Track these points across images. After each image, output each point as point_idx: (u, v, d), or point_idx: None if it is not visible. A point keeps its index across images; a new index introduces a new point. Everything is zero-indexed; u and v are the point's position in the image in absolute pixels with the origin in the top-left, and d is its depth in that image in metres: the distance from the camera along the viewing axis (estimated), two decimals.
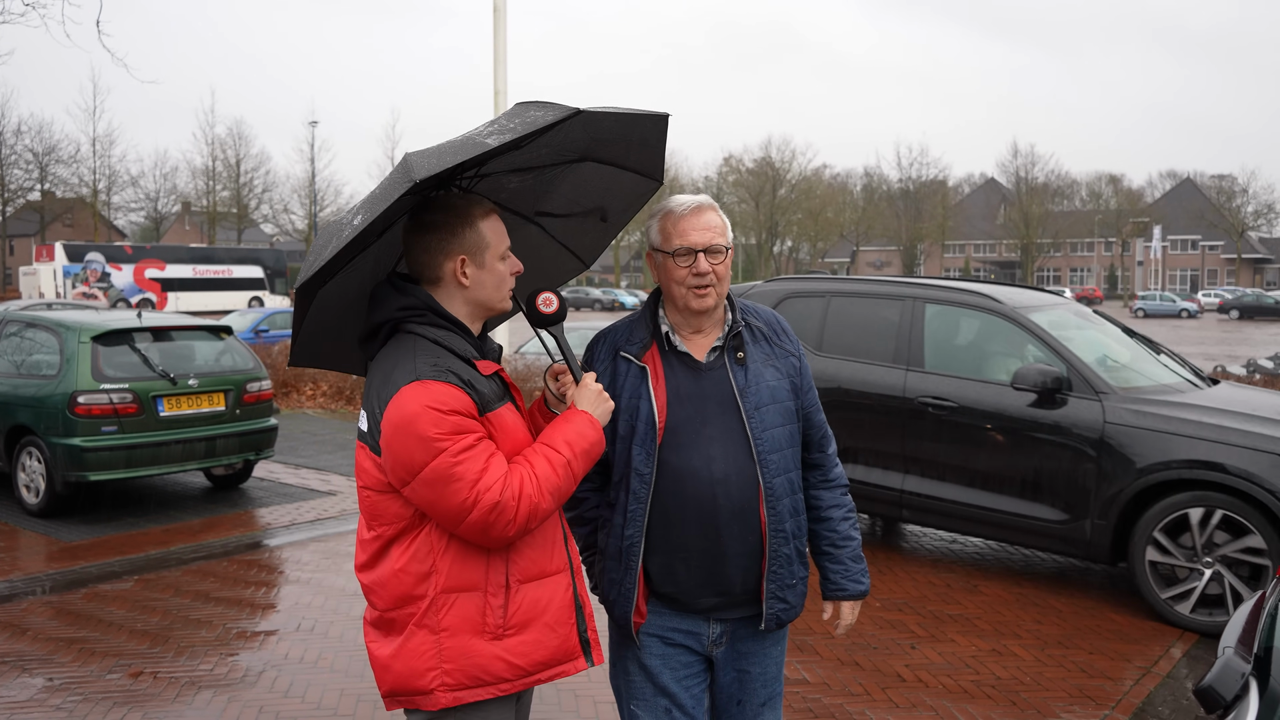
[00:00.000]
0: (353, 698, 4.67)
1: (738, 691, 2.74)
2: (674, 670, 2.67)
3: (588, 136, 2.58)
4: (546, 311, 2.49)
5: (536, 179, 2.73)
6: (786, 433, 2.66)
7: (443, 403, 2.17)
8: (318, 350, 2.63)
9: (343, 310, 2.51)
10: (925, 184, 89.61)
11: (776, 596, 2.65)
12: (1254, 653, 1.63)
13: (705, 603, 2.64)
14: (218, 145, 65.89)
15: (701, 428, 2.59)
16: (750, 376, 2.63)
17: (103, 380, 7.95)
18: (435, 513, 2.22)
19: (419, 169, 2.14)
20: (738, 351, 2.66)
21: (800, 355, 2.78)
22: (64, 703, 4.61)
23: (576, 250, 3.01)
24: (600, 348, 2.72)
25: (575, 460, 2.33)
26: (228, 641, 5.41)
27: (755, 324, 2.73)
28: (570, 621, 2.40)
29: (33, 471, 8.17)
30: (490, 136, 2.25)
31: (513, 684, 2.32)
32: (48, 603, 6.08)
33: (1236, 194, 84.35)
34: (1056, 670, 5.05)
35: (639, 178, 2.88)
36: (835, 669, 5.03)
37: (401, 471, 2.20)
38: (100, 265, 44.71)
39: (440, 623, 2.26)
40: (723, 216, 2.69)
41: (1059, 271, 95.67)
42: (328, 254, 2.18)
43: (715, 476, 2.57)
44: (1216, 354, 27.82)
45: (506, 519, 2.20)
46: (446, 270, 2.36)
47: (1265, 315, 55.79)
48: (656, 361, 2.64)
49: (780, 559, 2.64)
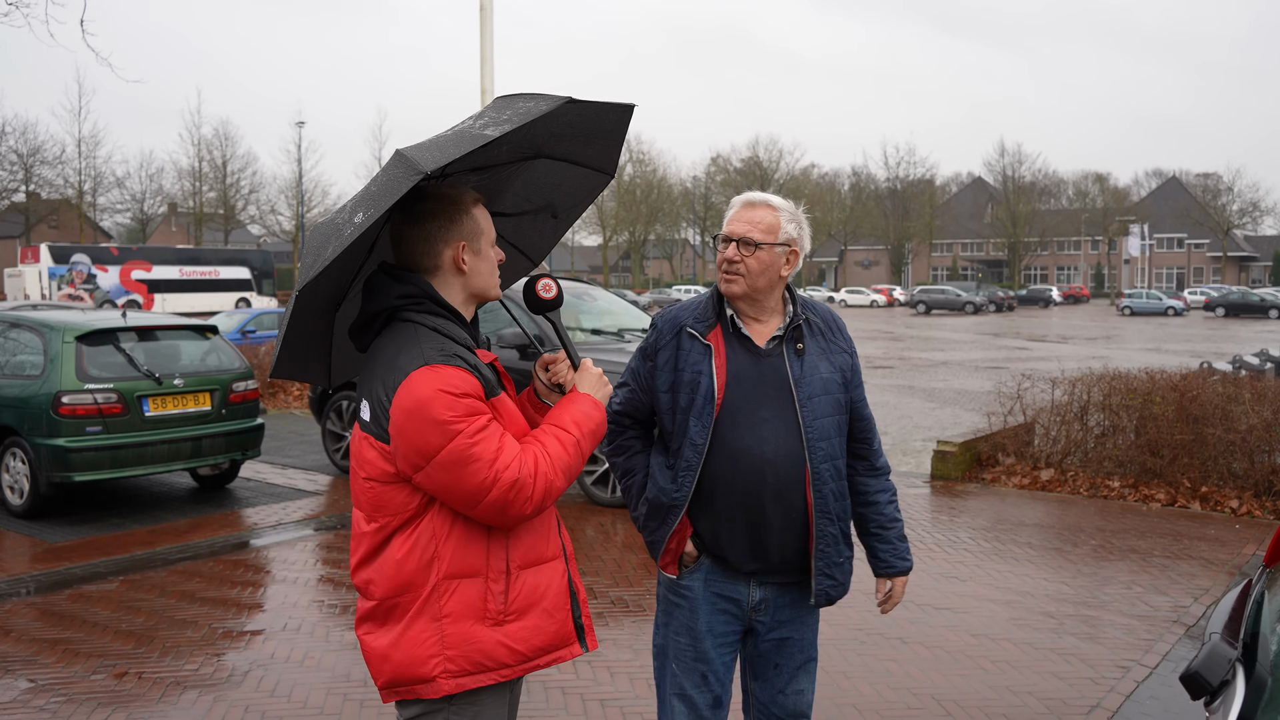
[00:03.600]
0: (339, 696, 4.65)
1: (775, 655, 2.93)
2: (715, 638, 2.88)
3: (546, 132, 2.56)
4: (546, 297, 2.54)
5: (492, 178, 2.71)
6: (835, 423, 2.84)
7: (455, 386, 2.17)
8: (299, 357, 2.58)
9: (312, 315, 2.48)
10: (913, 183, 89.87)
11: (825, 574, 2.84)
12: (1240, 639, 1.63)
13: (747, 567, 2.83)
14: (204, 146, 65.68)
15: (756, 409, 2.77)
16: (806, 367, 2.80)
17: (87, 380, 7.90)
18: (452, 495, 2.21)
19: (426, 161, 2.14)
20: (797, 343, 2.83)
21: (853, 353, 2.96)
22: (48, 703, 4.57)
23: (525, 249, 3.00)
24: (664, 324, 2.89)
25: (584, 440, 2.37)
26: (214, 641, 5.38)
27: (814, 319, 2.91)
28: (566, 607, 2.41)
29: (16, 472, 8.11)
30: (488, 128, 2.24)
31: (513, 669, 2.33)
32: (32, 604, 6.03)
33: (1222, 192, 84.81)
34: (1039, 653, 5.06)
35: (591, 173, 2.87)
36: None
37: (416, 457, 2.18)
38: (86, 267, 44.47)
39: (442, 609, 2.26)
40: (780, 218, 2.83)
41: (1046, 270, 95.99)
42: (329, 254, 2.16)
43: (766, 456, 2.74)
44: (1203, 351, 27.95)
45: (525, 496, 2.22)
46: (446, 258, 2.36)
47: (1250, 313, 56.08)
48: (720, 341, 2.81)
49: (827, 538, 2.82)
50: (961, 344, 32.19)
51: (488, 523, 2.27)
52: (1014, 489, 9.15)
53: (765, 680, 2.95)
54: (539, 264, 3.12)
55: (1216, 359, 19.13)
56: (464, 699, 2.31)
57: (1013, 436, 9.96)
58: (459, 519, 2.27)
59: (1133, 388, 9.31)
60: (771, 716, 2.97)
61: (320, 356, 2.65)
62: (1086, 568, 6.72)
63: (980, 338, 35.78)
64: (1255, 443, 8.41)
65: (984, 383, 18.74)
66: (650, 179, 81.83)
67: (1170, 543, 7.31)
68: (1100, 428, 9.53)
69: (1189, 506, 8.38)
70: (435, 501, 2.26)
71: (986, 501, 8.70)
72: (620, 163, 3.02)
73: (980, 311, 60.02)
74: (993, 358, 26.07)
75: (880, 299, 73.10)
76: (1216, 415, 8.61)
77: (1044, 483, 9.18)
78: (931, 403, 16.34)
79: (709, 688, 2.89)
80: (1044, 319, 52.34)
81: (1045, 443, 9.79)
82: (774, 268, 2.79)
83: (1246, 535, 7.51)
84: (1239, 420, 8.48)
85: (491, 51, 13.24)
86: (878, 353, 28.07)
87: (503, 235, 2.87)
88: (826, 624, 5.56)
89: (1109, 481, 8.91)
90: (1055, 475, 9.23)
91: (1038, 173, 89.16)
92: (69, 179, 59.93)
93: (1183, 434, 8.65)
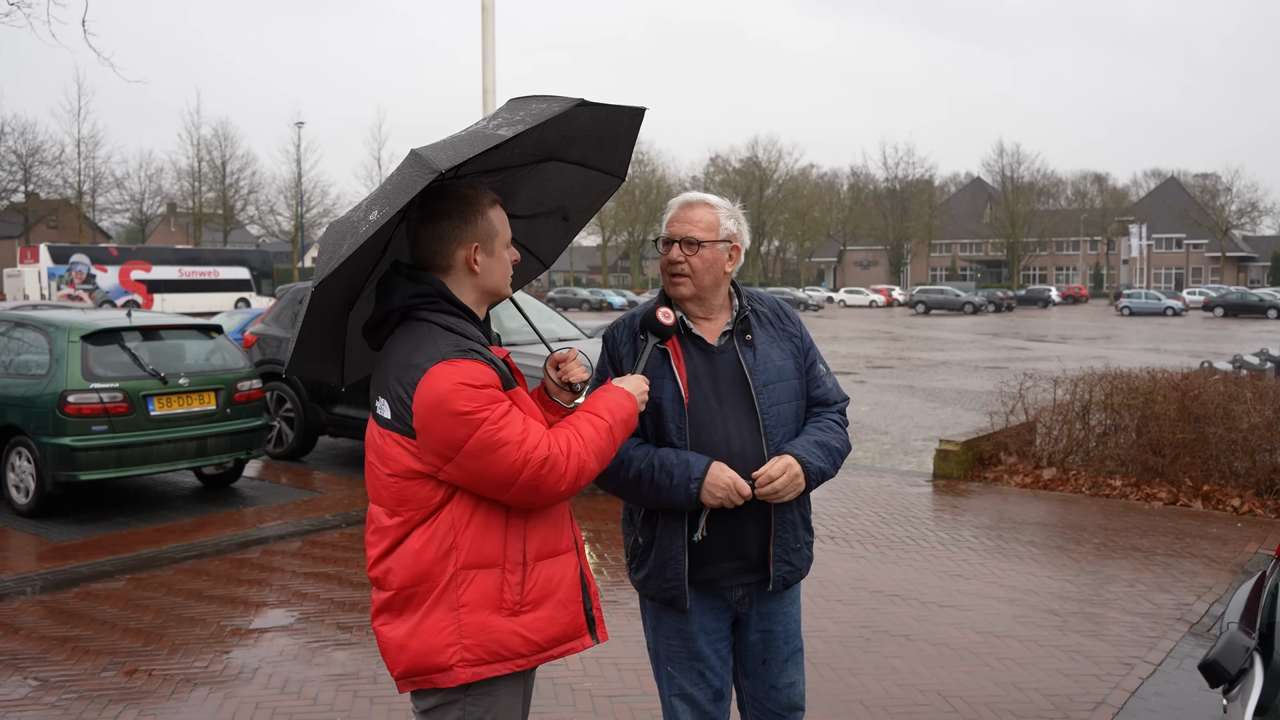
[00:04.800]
0: (349, 693, 4.67)
1: (763, 650, 2.95)
2: (707, 634, 2.90)
3: (559, 135, 2.60)
4: (665, 324, 2.72)
5: (505, 180, 2.74)
6: (792, 409, 2.88)
7: (474, 378, 2.21)
8: (314, 354, 2.61)
9: (327, 312, 2.50)
10: (911, 183, 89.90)
11: (782, 559, 2.86)
12: (1257, 629, 1.65)
13: (726, 567, 2.84)
14: (203, 146, 65.68)
15: (718, 406, 2.80)
16: (759, 356, 2.85)
17: (93, 379, 7.91)
18: (483, 482, 2.25)
19: (440, 160, 2.17)
20: (745, 334, 2.87)
21: (803, 333, 2.98)
22: (59, 700, 4.59)
23: (537, 251, 3.03)
24: (621, 332, 2.89)
25: (616, 427, 2.43)
26: (222, 639, 5.40)
27: (760, 310, 2.96)
28: (578, 599, 2.45)
29: (22, 471, 8.13)
30: (502, 129, 2.27)
31: (528, 659, 2.36)
32: (40, 602, 6.05)
33: (1220, 192, 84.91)
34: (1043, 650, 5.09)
35: (602, 175, 2.91)
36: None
37: (445, 449, 2.22)
38: (85, 267, 44.46)
39: (460, 599, 2.29)
40: (719, 214, 2.85)
41: (1045, 270, 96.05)
42: (344, 251, 2.18)
43: (733, 451, 2.77)
44: (1202, 351, 27.98)
45: (558, 473, 2.26)
46: (459, 258, 2.39)
47: (1249, 313, 56.11)
48: (675, 345, 2.83)
49: (785, 524, 2.85)
50: (961, 344, 32.21)
51: (523, 505, 2.30)
52: (1016, 488, 9.17)
53: (756, 676, 2.97)
54: (549, 266, 3.15)
55: (1216, 359, 19.16)
56: (480, 688, 2.34)
57: (1015, 436, 9.99)
58: (478, 510, 2.29)
59: (1134, 387, 9.33)
60: (767, 711, 2.99)
61: (334, 354, 2.68)
62: (1089, 566, 6.74)
63: (980, 338, 35.80)
64: (1257, 441, 8.44)
65: (984, 382, 18.77)
66: (649, 179, 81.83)
67: (1172, 541, 7.34)
68: (1102, 427, 9.56)
69: (1191, 505, 8.40)
70: (456, 493, 2.28)
71: (989, 500, 8.72)
72: None
73: (979, 312, 60.05)
74: (992, 358, 26.10)
75: (879, 299, 73.11)
76: (1218, 414, 8.64)
77: (1046, 482, 9.20)
78: (932, 402, 16.37)
79: (708, 683, 2.91)
80: (1043, 319, 52.37)
81: (1047, 442, 9.82)
82: (718, 264, 2.83)
83: (1248, 534, 7.54)
84: (1240, 419, 8.51)
85: (493, 51, 13.25)
86: (877, 353, 28.09)
87: (515, 237, 2.90)
88: (831, 621, 5.60)
89: (1111, 480, 8.94)
90: (1057, 474, 9.26)
91: (1036, 173, 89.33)
92: (68, 179, 59.96)
93: (1184, 433, 8.68)
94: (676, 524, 2.81)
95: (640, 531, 2.90)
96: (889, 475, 9.88)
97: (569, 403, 2.56)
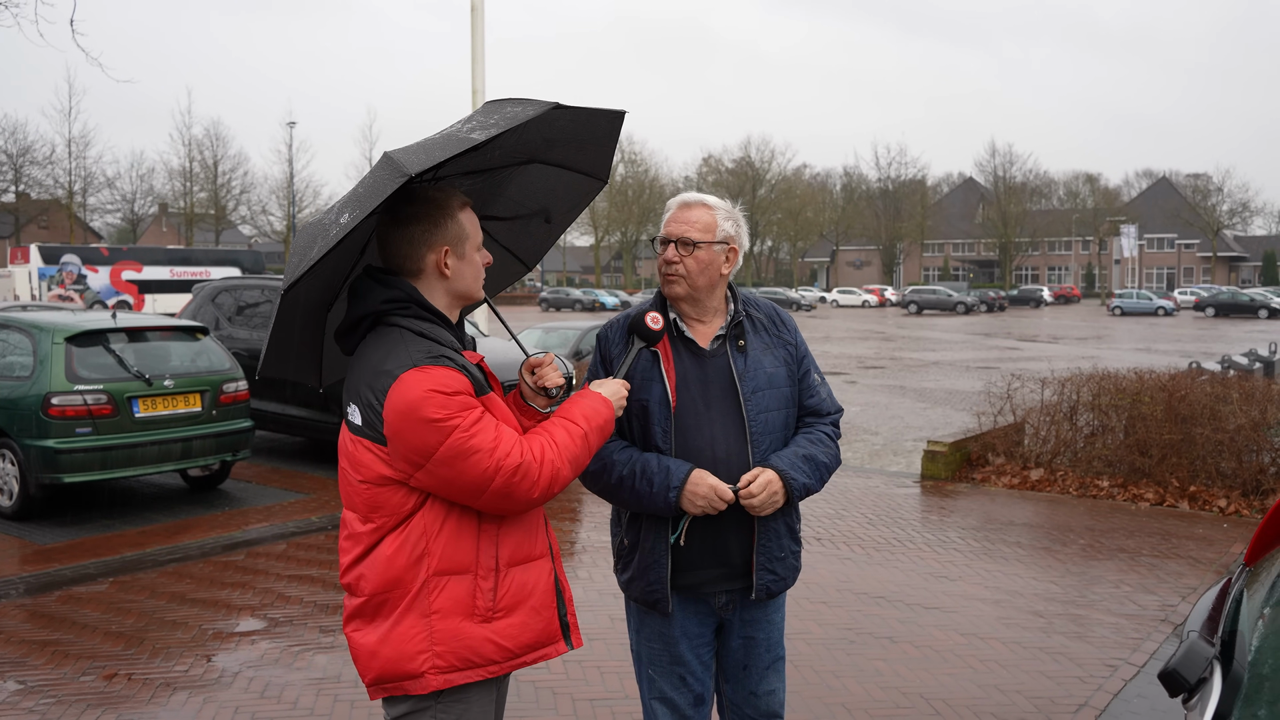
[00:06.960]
0: (330, 697, 4.65)
1: (744, 657, 2.94)
2: (690, 639, 2.89)
3: (540, 137, 2.59)
4: (654, 329, 2.68)
5: (486, 182, 2.73)
6: (781, 417, 2.86)
7: (445, 385, 2.20)
8: (287, 356, 2.60)
9: (300, 315, 2.49)
10: (904, 183, 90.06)
11: (766, 569, 2.83)
12: (1218, 637, 1.64)
13: (709, 574, 2.83)
14: (195, 146, 65.56)
15: (705, 410, 2.79)
16: (750, 363, 2.83)
17: (77, 381, 7.88)
18: (455, 489, 2.23)
19: (411, 164, 2.16)
20: (739, 340, 2.85)
21: (798, 341, 2.95)
22: (37, 705, 4.56)
23: (520, 253, 3.02)
24: (614, 332, 2.88)
25: (591, 434, 2.41)
26: (204, 643, 5.37)
27: (755, 315, 2.94)
28: (552, 605, 2.44)
29: (5, 474, 8.09)
30: (475, 132, 2.26)
31: (501, 666, 2.35)
32: (21, 605, 6.01)
33: (1212, 193, 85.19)
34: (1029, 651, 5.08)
35: (584, 178, 2.90)
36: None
37: (415, 456, 2.20)
38: (76, 267, 44.27)
39: (431, 605, 2.28)
40: (717, 216, 2.83)
41: (1037, 270, 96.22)
42: (315, 254, 2.17)
43: (718, 456, 2.76)
44: (1193, 351, 28.05)
45: (531, 480, 2.25)
46: (429, 262, 2.37)
47: (1240, 313, 56.28)
48: (666, 347, 2.83)
49: (769, 533, 2.82)
50: (953, 344, 32.25)
51: (494, 512, 2.29)
52: (1004, 489, 9.18)
53: (736, 682, 2.97)
54: (533, 268, 3.14)
55: (1206, 359, 19.19)
56: (451, 695, 2.33)
57: (1002, 436, 9.99)
58: (450, 516, 2.28)
59: (1122, 388, 9.35)
60: (745, 717, 2.99)
61: (311, 356, 2.66)
62: (1075, 567, 6.74)
63: (971, 338, 35.85)
64: (1243, 442, 8.46)
65: (975, 383, 18.78)
66: (642, 179, 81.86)
67: (1159, 542, 7.34)
68: (1089, 428, 9.57)
69: (1177, 506, 8.41)
70: (428, 499, 2.27)
71: (976, 501, 8.72)
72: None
73: (972, 312, 60.14)
74: (984, 358, 26.14)
75: (872, 299, 73.17)
76: (1205, 415, 8.65)
77: (1033, 482, 9.21)
78: (923, 403, 16.38)
79: (689, 688, 2.91)
80: (1035, 319, 52.47)
81: (1035, 443, 9.83)
82: (714, 266, 2.81)
83: (1234, 534, 7.55)
84: (1227, 420, 8.52)
85: (483, 51, 13.24)
86: (869, 353, 28.11)
87: (497, 239, 2.88)
88: (815, 623, 5.59)
89: (1098, 481, 8.95)
90: (1045, 475, 9.26)
91: (1029, 173, 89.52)
92: (59, 179, 59.85)
93: (1171, 434, 8.69)
94: (660, 528, 2.81)
95: (626, 533, 2.90)
96: (877, 476, 9.88)
97: (545, 407, 2.55)
